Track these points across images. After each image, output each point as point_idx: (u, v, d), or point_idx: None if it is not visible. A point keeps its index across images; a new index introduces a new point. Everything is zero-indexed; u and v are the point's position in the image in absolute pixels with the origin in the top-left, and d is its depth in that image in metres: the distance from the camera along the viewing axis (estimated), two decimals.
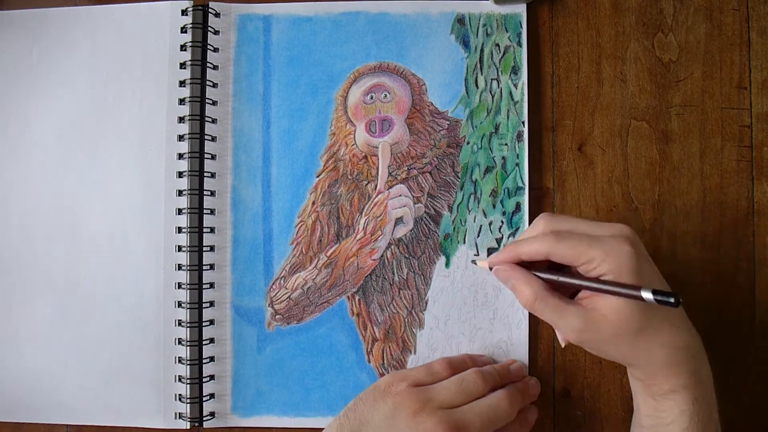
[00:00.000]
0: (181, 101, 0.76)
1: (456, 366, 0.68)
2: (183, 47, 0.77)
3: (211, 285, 0.75)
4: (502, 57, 0.75)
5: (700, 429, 0.59)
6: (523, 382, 0.71)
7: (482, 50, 0.76)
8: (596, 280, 0.57)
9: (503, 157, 0.74)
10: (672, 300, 0.52)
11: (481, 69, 0.75)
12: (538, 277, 0.61)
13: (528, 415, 0.70)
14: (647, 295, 0.53)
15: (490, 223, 0.74)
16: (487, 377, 0.66)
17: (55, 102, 0.78)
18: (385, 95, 0.76)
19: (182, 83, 0.77)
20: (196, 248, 0.75)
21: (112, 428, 0.77)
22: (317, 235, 0.75)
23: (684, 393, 0.59)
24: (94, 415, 0.76)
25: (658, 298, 0.52)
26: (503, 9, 0.76)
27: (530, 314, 0.73)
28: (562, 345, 0.64)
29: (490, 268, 0.64)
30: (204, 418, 0.74)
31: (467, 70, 0.76)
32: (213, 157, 0.76)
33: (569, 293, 0.62)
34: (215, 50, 0.77)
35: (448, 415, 0.62)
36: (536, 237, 0.60)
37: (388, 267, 0.75)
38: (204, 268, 0.75)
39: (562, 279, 0.60)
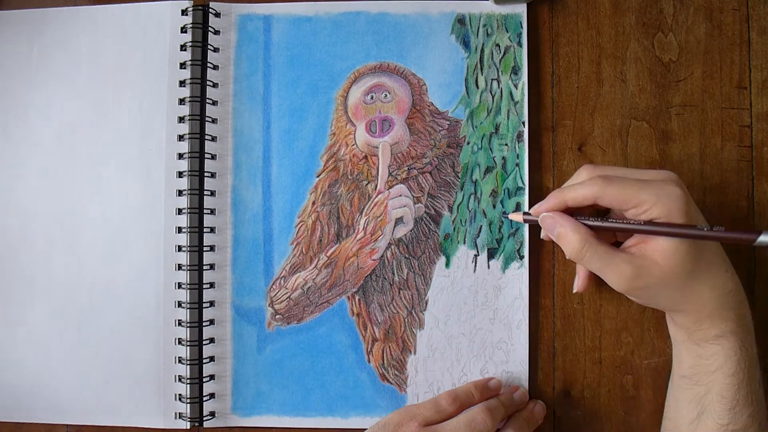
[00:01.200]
0: (181, 101, 0.76)
1: (462, 400, 0.68)
2: (183, 47, 0.77)
3: (211, 285, 0.75)
4: (502, 57, 0.75)
5: (747, 374, 0.59)
6: (528, 410, 0.71)
7: (482, 50, 0.76)
8: (667, 224, 0.56)
9: (503, 158, 0.74)
10: None
11: (481, 69, 0.75)
12: (587, 225, 0.61)
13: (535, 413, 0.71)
14: (765, 238, 0.53)
15: (490, 224, 0.74)
16: (495, 413, 0.66)
17: (55, 102, 0.78)
18: (386, 95, 0.76)
19: (182, 83, 0.77)
20: (196, 248, 0.75)
21: (112, 428, 0.77)
22: (317, 235, 0.75)
23: (731, 338, 0.59)
24: (94, 415, 0.76)
25: None
26: (503, 9, 0.76)
27: (530, 314, 0.73)
28: (575, 290, 0.65)
29: (525, 220, 0.64)
30: (204, 418, 0.74)
31: (467, 70, 0.76)
32: (213, 157, 0.76)
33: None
34: (215, 50, 0.77)
35: None
36: (583, 182, 0.60)
37: (388, 267, 0.75)
38: (204, 268, 0.75)
39: (618, 225, 0.59)
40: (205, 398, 0.74)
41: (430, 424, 0.65)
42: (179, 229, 0.76)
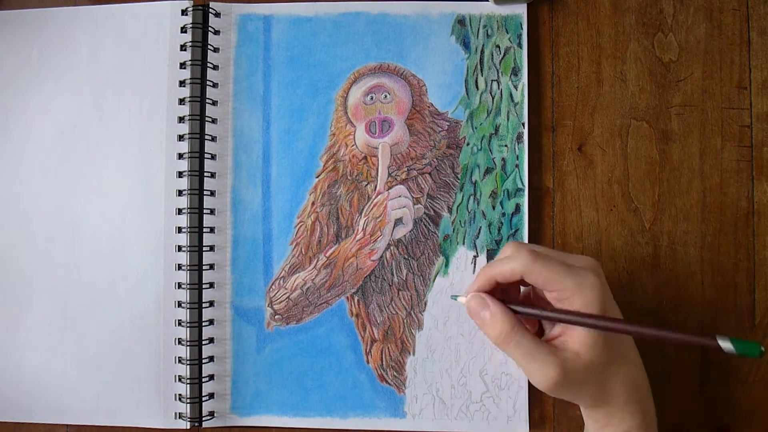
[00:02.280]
0: (181, 101, 0.76)
1: None
2: (183, 47, 0.77)
3: (211, 285, 0.75)
4: (502, 58, 0.75)
5: None
6: None
7: (482, 51, 0.76)
8: (605, 318, 0.56)
9: (503, 159, 0.74)
10: (760, 351, 0.50)
11: (481, 70, 0.75)
12: (515, 311, 0.59)
13: None
14: (726, 345, 0.51)
15: (489, 225, 0.74)
16: None
17: (55, 102, 0.78)
18: (385, 96, 0.76)
19: (182, 83, 0.77)
20: (196, 248, 0.75)
21: (112, 428, 0.77)
22: (317, 236, 0.76)
23: None
24: (94, 415, 0.76)
25: (740, 349, 0.50)
26: (503, 10, 0.76)
27: None
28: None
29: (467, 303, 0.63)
30: (204, 418, 0.74)
31: (467, 71, 0.76)
32: (213, 157, 0.76)
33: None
34: (215, 50, 0.77)
35: None
36: (511, 256, 0.59)
37: (388, 268, 0.75)
38: (204, 268, 0.75)
39: (551, 315, 0.58)
40: (204, 398, 0.74)
41: None
42: (179, 229, 0.76)
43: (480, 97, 0.75)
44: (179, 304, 0.75)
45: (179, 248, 0.75)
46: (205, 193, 0.75)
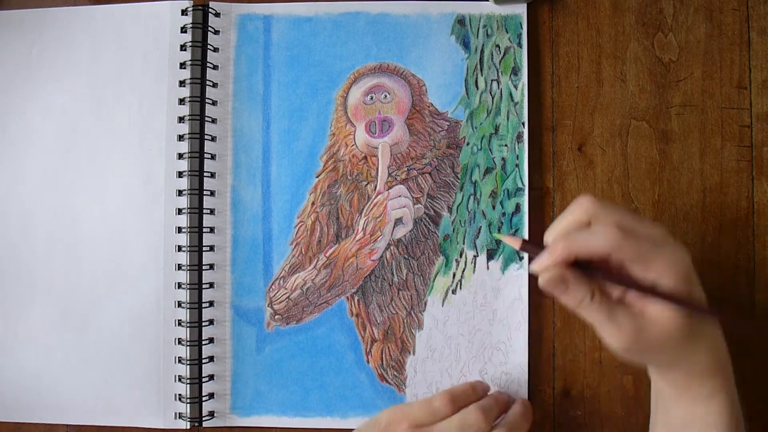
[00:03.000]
0: (181, 101, 0.77)
1: (458, 401, 0.65)
2: (183, 47, 0.77)
3: (211, 285, 0.75)
4: (502, 58, 0.75)
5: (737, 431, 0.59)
6: (523, 406, 0.70)
7: (482, 51, 0.76)
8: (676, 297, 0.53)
9: (503, 158, 0.74)
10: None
11: (481, 70, 0.75)
12: (598, 279, 0.55)
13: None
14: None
15: (489, 224, 0.74)
16: (488, 414, 0.64)
17: (55, 102, 0.78)
18: (385, 96, 0.76)
19: (182, 83, 0.77)
20: (196, 248, 0.75)
21: (112, 428, 0.77)
22: (317, 236, 0.76)
23: (723, 396, 0.58)
24: (94, 415, 0.76)
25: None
26: (503, 9, 0.76)
27: (530, 315, 0.73)
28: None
29: (523, 249, 0.59)
30: (203, 418, 0.74)
31: (467, 71, 0.76)
32: (213, 157, 0.76)
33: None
34: (215, 50, 0.77)
35: None
36: (597, 232, 0.53)
37: (388, 268, 0.75)
38: (204, 268, 0.75)
39: (629, 283, 0.54)
40: (204, 398, 0.74)
41: (422, 425, 0.63)
42: (179, 229, 0.76)
43: (480, 97, 0.75)
44: (179, 304, 0.75)
45: (179, 248, 0.75)
46: (205, 193, 0.75)
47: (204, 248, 0.75)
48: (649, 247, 0.53)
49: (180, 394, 0.75)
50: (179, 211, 0.76)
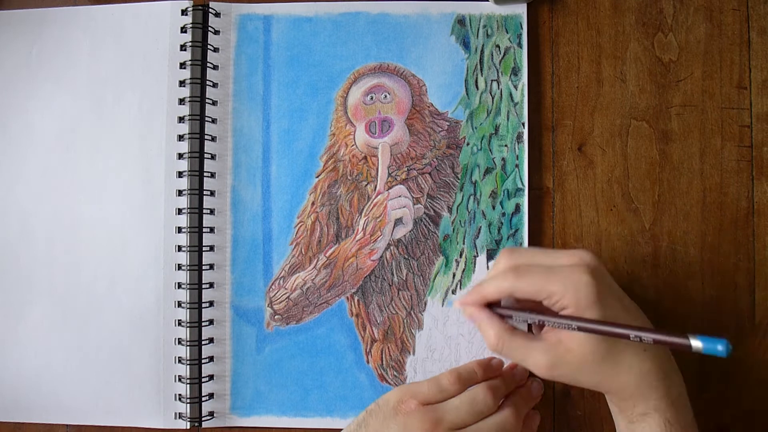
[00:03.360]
0: (181, 101, 0.77)
1: (465, 379, 0.66)
2: (183, 47, 0.77)
3: (211, 285, 0.75)
4: (502, 58, 0.75)
5: None
6: (526, 388, 0.71)
7: (482, 51, 0.76)
8: (596, 321, 0.56)
9: (503, 159, 0.74)
10: (721, 348, 0.50)
11: (481, 70, 0.75)
12: (502, 315, 0.61)
13: (532, 423, 0.71)
14: (696, 343, 0.51)
15: (489, 225, 0.74)
16: (496, 393, 0.65)
17: (55, 102, 0.78)
18: (385, 96, 0.76)
19: (182, 83, 0.77)
20: (196, 248, 0.75)
21: (112, 428, 0.77)
22: (316, 236, 0.76)
23: (656, 415, 0.59)
24: (94, 415, 0.76)
25: (707, 347, 0.50)
26: (503, 10, 0.76)
27: None
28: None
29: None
30: (203, 418, 0.74)
31: (467, 71, 0.76)
32: (213, 157, 0.76)
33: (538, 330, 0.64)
34: (215, 50, 0.77)
35: None
36: (497, 276, 0.60)
37: (388, 268, 0.75)
38: (204, 267, 0.75)
39: (527, 315, 0.60)
40: (204, 398, 0.74)
41: (430, 403, 0.64)
42: (179, 229, 0.76)
43: (480, 97, 0.75)
44: (179, 304, 0.75)
45: (179, 248, 0.75)
46: (204, 193, 0.75)
47: (204, 248, 0.75)
48: (541, 280, 0.57)
49: (180, 394, 0.75)
50: (179, 211, 0.76)
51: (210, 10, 0.77)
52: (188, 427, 0.75)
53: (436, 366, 0.74)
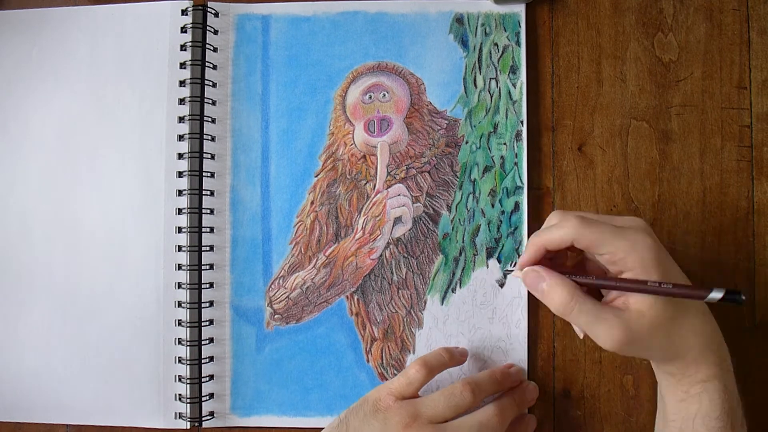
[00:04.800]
0: (181, 101, 0.77)
1: (432, 365, 0.68)
2: (183, 47, 0.77)
3: (211, 285, 0.75)
4: (500, 56, 0.75)
5: (730, 417, 0.59)
6: (520, 389, 0.71)
7: (481, 50, 0.76)
8: (646, 283, 0.56)
9: (502, 157, 0.74)
10: (741, 297, 0.52)
11: (479, 68, 0.75)
12: (574, 280, 0.59)
13: (527, 427, 0.71)
14: (717, 294, 0.53)
15: (488, 223, 0.74)
16: (475, 389, 0.66)
17: (55, 102, 0.79)
18: (384, 95, 0.76)
19: (182, 83, 0.77)
20: (196, 248, 0.75)
21: (112, 428, 0.77)
22: (316, 235, 0.76)
23: (715, 382, 0.58)
24: (94, 415, 0.76)
25: (728, 297, 0.52)
26: (502, 8, 0.76)
27: (529, 314, 0.73)
28: (581, 336, 0.64)
29: (516, 276, 0.63)
30: (203, 418, 0.74)
31: (466, 69, 0.76)
32: (212, 157, 0.76)
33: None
34: (214, 50, 0.77)
35: (438, 429, 0.63)
36: (559, 224, 0.59)
37: (387, 267, 0.75)
38: (204, 267, 0.75)
39: (602, 282, 0.59)
40: (204, 398, 0.74)
41: (406, 397, 0.66)
42: (179, 229, 0.76)
43: (478, 96, 0.75)
44: (179, 304, 0.75)
45: (179, 248, 0.76)
46: (204, 193, 0.76)
47: (204, 248, 0.75)
48: (608, 234, 0.56)
49: (180, 394, 0.75)
50: (179, 211, 0.76)
51: (209, 10, 0.77)
52: (188, 427, 0.75)
53: None
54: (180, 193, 0.76)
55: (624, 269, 0.57)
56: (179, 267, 0.75)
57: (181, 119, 0.76)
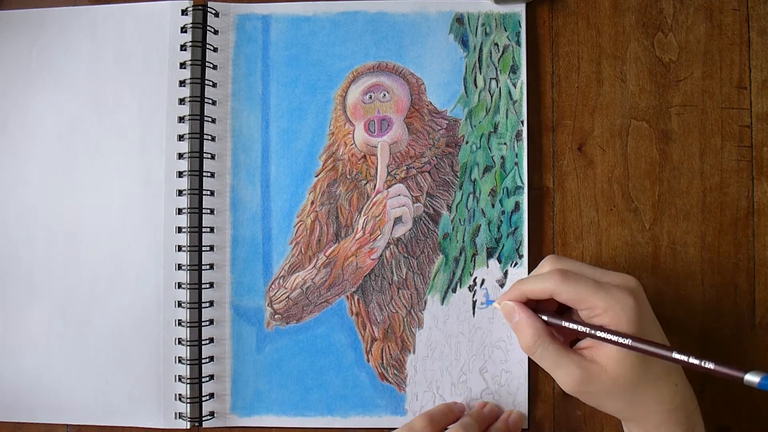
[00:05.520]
0: (181, 101, 0.77)
1: (437, 420, 0.69)
2: (183, 47, 0.77)
3: (211, 285, 0.75)
4: (500, 56, 0.75)
5: None
6: (502, 421, 0.71)
7: (481, 49, 0.76)
8: (616, 335, 0.56)
9: (502, 157, 0.74)
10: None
11: (479, 68, 0.75)
12: (543, 321, 0.61)
13: None
14: (753, 378, 0.50)
15: (489, 223, 0.74)
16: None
17: (55, 102, 0.79)
18: (384, 95, 0.76)
19: (182, 83, 0.77)
20: (196, 248, 0.75)
21: (112, 428, 0.77)
22: (316, 235, 0.76)
23: None
24: (94, 415, 0.76)
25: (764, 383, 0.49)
26: (502, 8, 0.76)
27: None
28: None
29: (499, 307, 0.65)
30: (204, 418, 0.74)
31: (466, 69, 0.76)
32: (212, 157, 0.76)
33: (567, 341, 0.63)
34: (215, 50, 0.77)
35: None
36: (542, 275, 0.60)
37: (387, 266, 0.75)
38: (204, 267, 0.75)
39: (573, 327, 0.59)
40: (204, 398, 0.74)
41: None
42: (179, 229, 0.76)
43: (479, 96, 0.75)
44: (179, 304, 0.75)
45: (179, 248, 0.75)
46: (204, 192, 0.76)
47: (204, 248, 0.75)
48: (589, 291, 0.57)
49: (180, 394, 0.75)
50: (179, 211, 0.76)
51: (209, 9, 0.77)
52: (188, 427, 0.75)
53: (436, 364, 0.74)
54: (180, 193, 0.76)
55: (601, 325, 0.57)
56: (179, 267, 0.75)
57: (181, 119, 0.76)
